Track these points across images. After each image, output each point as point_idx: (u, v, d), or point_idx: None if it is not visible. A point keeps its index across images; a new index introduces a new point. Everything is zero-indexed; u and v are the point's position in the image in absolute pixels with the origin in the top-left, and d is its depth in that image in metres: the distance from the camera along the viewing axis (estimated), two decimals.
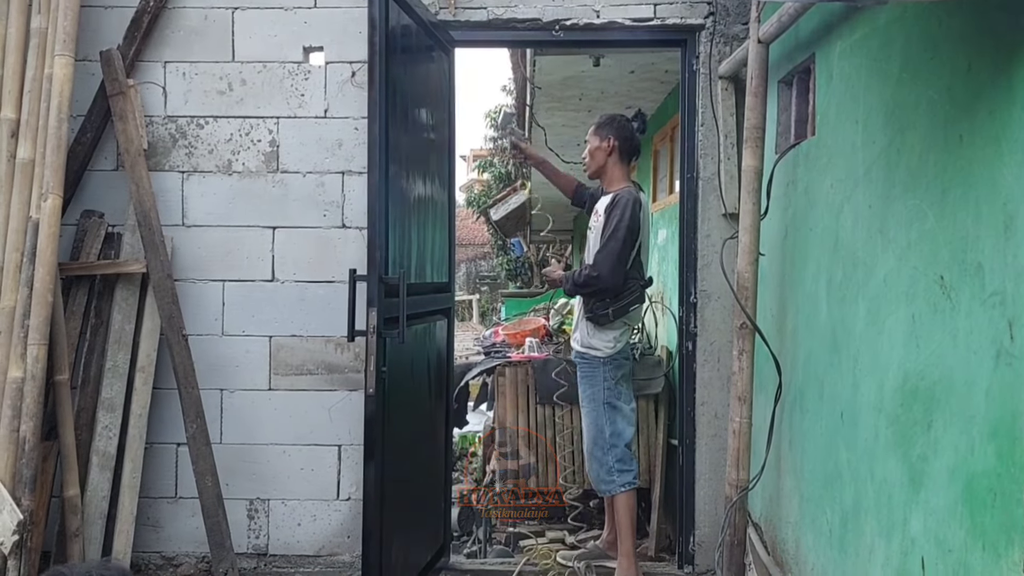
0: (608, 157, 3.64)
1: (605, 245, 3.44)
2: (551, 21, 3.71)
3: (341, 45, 3.72)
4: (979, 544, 1.68)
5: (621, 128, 3.65)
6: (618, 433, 3.59)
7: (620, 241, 3.42)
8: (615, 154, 3.64)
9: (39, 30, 3.34)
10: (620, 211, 3.43)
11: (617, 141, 3.62)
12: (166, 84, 3.75)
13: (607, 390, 3.59)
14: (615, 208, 3.46)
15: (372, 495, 2.97)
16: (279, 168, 3.75)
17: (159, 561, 3.72)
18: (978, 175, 1.73)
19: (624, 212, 3.43)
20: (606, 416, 3.58)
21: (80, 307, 3.55)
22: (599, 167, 3.68)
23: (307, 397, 3.75)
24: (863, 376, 2.34)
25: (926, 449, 1.93)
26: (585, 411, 3.69)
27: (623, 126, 3.66)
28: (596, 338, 3.58)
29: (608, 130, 3.65)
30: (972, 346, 1.73)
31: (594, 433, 3.61)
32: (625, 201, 3.46)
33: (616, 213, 3.44)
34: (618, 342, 3.60)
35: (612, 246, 3.42)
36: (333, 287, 3.72)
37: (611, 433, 3.57)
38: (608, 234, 3.44)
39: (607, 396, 3.58)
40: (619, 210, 3.44)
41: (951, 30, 1.89)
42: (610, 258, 3.42)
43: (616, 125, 3.66)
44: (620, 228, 3.41)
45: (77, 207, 3.67)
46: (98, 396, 3.51)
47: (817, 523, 2.69)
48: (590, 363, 3.61)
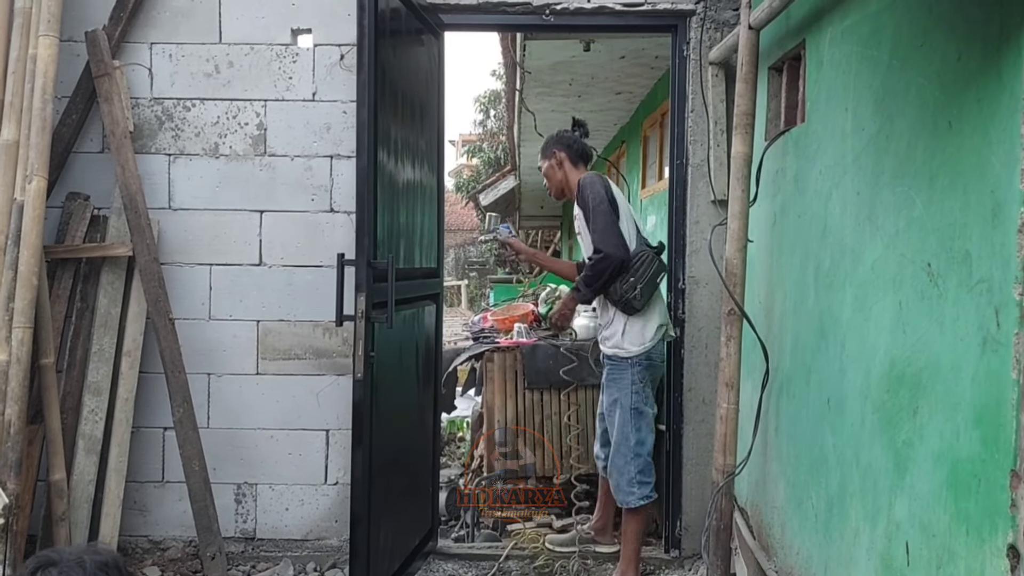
0: (561, 169, 3.62)
1: (594, 226, 3.34)
2: (541, 5, 3.69)
3: (330, 28, 3.69)
4: (963, 529, 1.70)
5: (561, 139, 3.66)
6: (642, 441, 3.43)
7: (605, 214, 3.32)
8: (566, 163, 3.61)
9: (23, 10, 3.29)
10: (589, 191, 3.38)
11: (563, 151, 3.61)
12: (152, 66, 3.71)
13: (635, 394, 3.40)
14: (583, 193, 3.41)
15: (360, 480, 2.97)
16: (267, 152, 3.72)
17: (146, 545, 3.72)
18: (966, 163, 1.73)
19: (593, 190, 3.38)
20: (632, 423, 3.40)
21: (65, 290, 3.52)
22: (559, 183, 3.65)
23: (295, 382, 3.75)
24: (850, 362, 2.35)
25: (911, 435, 1.95)
26: (609, 416, 3.51)
27: (562, 136, 3.68)
28: (629, 335, 3.40)
29: (550, 147, 3.65)
30: (958, 333, 1.74)
31: (618, 439, 3.44)
32: (588, 182, 3.42)
33: (587, 195, 3.38)
34: (653, 339, 3.43)
35: (600, 222, 3.32)
36: (321, 272, 3.71)
37: (636, 442, 3.41)
38: (592, 216, 3.36)
39: (635, 401, 3.40)
40: (588, 191, 3.38)
41: (941, 18, 1.89)
42: (606, 233, 3.30)
43: (555, 138, 3.68)
44: (599, 203, 3.33)
45: (62, 189, 3.63)
46: (84, 380, 3.49)
47: (803, 507, 2.72)
48: (618, 365, 3.44)
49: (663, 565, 3.76)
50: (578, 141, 3.64)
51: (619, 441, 3.43)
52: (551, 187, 3.67)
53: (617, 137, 8.56)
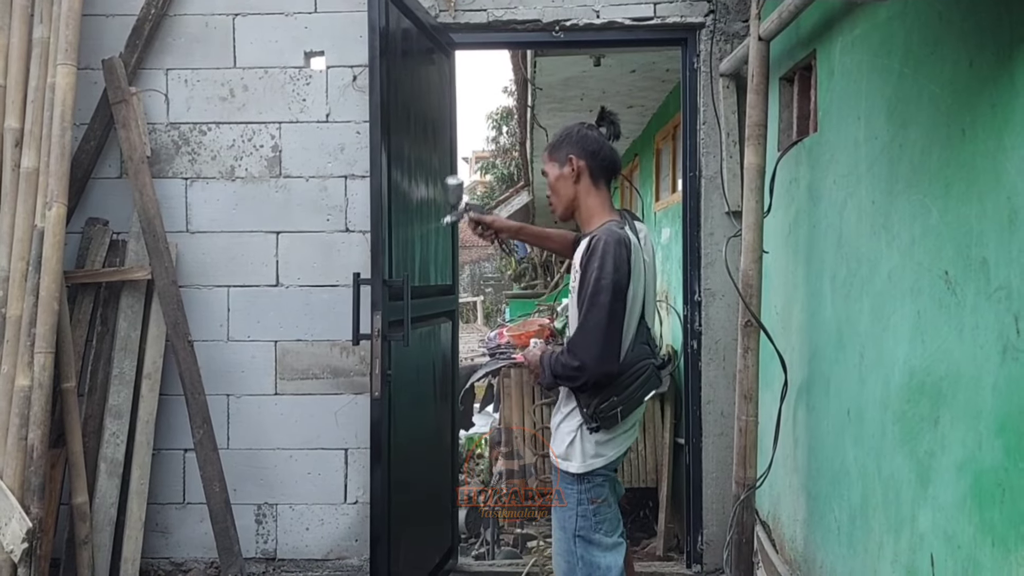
0: (576, 185, 2.49)
1: (585, 320, 2.32)
2: (551, 22, 3.72)
3: (342, 49, 3.73)
4: (988, 540, 1.67)
5: (583, 140, 2.50)
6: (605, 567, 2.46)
7: (605, 310, 2.28)
8: (584, 178, 2.49)
9: (41, 39, 3.35)
10: (599, 263, 2.29)
11: (583, 159, 2.48)
12: (168, 91, 3.76)
13: (582, 517, 2.45)
14: (592, 259, 2.32)
15: (379, 498, 2.97)
16: (282, 173, 3.76)
17: (168, 567, 3.73)
18: (981, 169, 1.72)
19: (604, 263, 2.29)
20: (579, 552, 2.46)
21: (86, 315, 3.56)
22: (568, 203, 2.53)
23: (313, 401, 3.76)
24: (869, 373, 2.33)
25: (933, 445, 1.93)
26: (555, 535, 2.59)
27: (585, 137, 2.50)
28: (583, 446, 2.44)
29: (566, 149, 2.51)
30: (978, 341, 1.73)
31: (563, 569, 2.51)
32: (604, 245, 2.31)
33: (594, 267, 2.30)
34: (616, 449, 2.47)
35: (594, 320, 2.30)
36: (337, 291, 3.73)
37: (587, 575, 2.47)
38: (587, 303, 2.31)
39: (581, 527, 2.46)
40: (596, 261, 2.30)
41: (952, 24, 1.89)
42: (594, 339, 2.30)
43: (576, 138, 2.51)
44: (601, 291, 2.28)
45: (82, 215, 3.68)
46: (105, 403, 3.52)
47: (825, 520, 2.69)
48: (563, 475, 2.49)
49: None
50: (606, 147, 2.53)
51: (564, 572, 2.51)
52: (555, 202, 2.59)
53: (630, 150, 8.58)
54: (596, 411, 2.37)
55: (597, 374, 2.31)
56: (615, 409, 2.37)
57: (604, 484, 2.47)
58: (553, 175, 2.53)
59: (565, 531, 2.49)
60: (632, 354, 2.39)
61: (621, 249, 2.31)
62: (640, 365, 2.40)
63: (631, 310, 2.36)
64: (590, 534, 2.46)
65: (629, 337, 2.38)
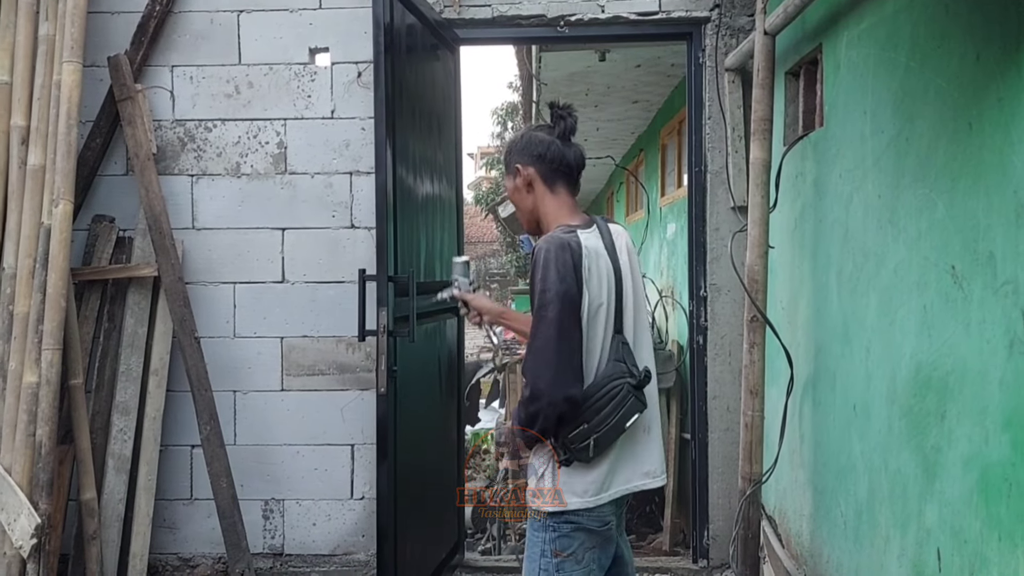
0: (531, 194, 2.20)
1: (533, 340, 1.98)
2: (556, 17, 3.71)
3: (347, 46, 3.73)
4: (995, 535, 1.67)
5: (528, 145, 2.20)
6: None
7: (554, 326, 1.94)
8: (537, 184, 2.18)
9: (47, 37, 3.36)
10: (541, 274, 1.97)
11: (530, 165, 2.18)
12: (174, 88, 3.77)
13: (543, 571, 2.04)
14: (535, 271, 2.01)
15: (386, 494, 2.98)
16: (287, 170, 3.76)
17: (176, 562, 3.75)
18: (988, 163, 1.72)
19: (547, 273, 1.96)
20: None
21: (93, 311, 3.57)
22: (529, 214, 2.23)
23: (319, 397, 3.77)
24: (875, 368, 2.33)
25: (940, 440, 1.92)
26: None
27: (530, 142, 2.20)
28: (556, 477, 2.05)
29: (514, 158, 2.23)
30: (985, 336, 1.72)
31: None
32: (545, 254, 1.99)
33: (537, 279, 1.98)
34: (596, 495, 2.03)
35: (543, 338, 1.95)
36: (343, 287, 3.73)
37: None
38: (535, 319, 1.99)
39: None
40: (539, 272, 1.98)
41: (959, 18, 1.88)
42: (545, 360, 1.95)
43: (521, 145, 2.22)
44: (548, 304, 1.94)
45: (88, 212, 3.70)
46: (112, 400, 3.53)
47: (831, 515, 2.69)
48: (531, 519, 2.11)
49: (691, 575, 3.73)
50: (554, 148, 2.18)
51: None
52: (523, 221, 2.31)
53: (635, 146, 8.56)
54: (565, 442, 1.99)
55: (555, 400, 1.92)
56: (586, 440, 1.98)
57: (574, 535, 2.02)
58: (510, 188, 2.28)
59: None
60: (603, 372, 2.01)
61: (565, 255, 1.97)
62: (613, 385, 1.99)
63: (592, 322, 2.00)
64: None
65: (597, 354, 2.01)
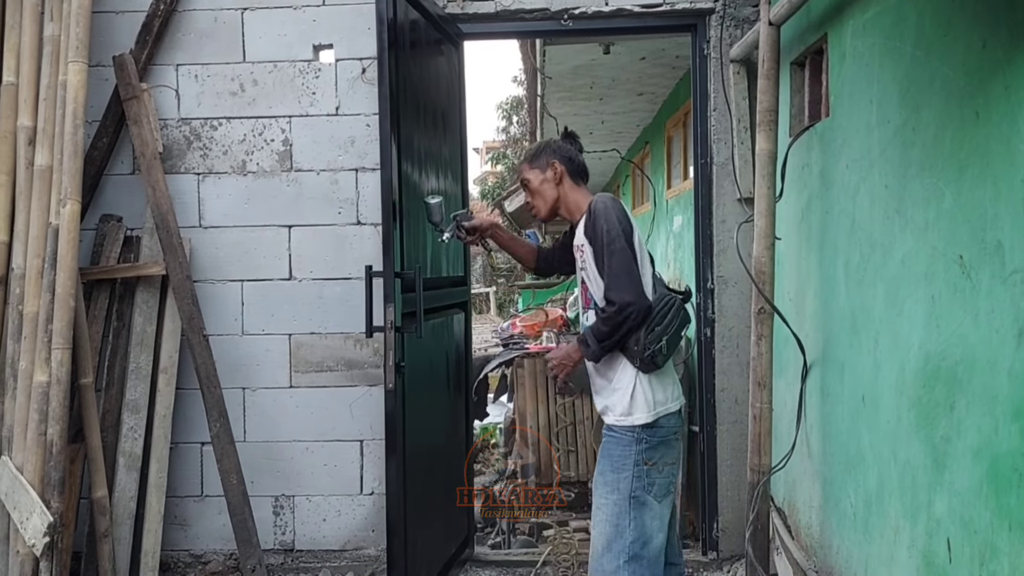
0: (559, 186, 2.74)
1: (610, 266, 2.50)
2: (559, 10, 3.70)
3: (351, 42, 3.73)
4: (1005, 524, 1.67)
5: (560, 148, 2.78)
6: (643, 539, 2.52)
7: (626, 254, 2.49)
8: (566, 178, 2.74)
9: (52, 37, 3.37)
10: (604, 220, 2.52)
11: (562, 163, 2.73)
12: (179, 87, 3.77)
13: (636, 478, 2.52)
14: (596, 221, 2.54)
15: (395, 489, 2.98)
16: (293, 167, 3.77)
17: (187, 559, 3.77)
18: (995, 152, 1.71)
19: (609, 218, 2.52)
20: (630, 514, 2.51)
21: (102, 311, 3.59)
22: (552, 202, 2.76)
23: (328, 394, 3.78)
24: (884, 358, 2.32)
25: (949, 430, 1.92)
26: (600, 503, 2.60)
27: (560, 146, 2.80)
28: (640, 397, 2.53)
29: (546, 156, 2.76)
30: (994, 325, 1.72)
31: (609, 535, 2.53)
32: (603, 207, 2.55)
33: (601, 226, 2.52)
34: (669, 402, 2.57)
35: (619, 263, 2.48)
36: (350, 284, 3.74)
37: (633, 539, 2.51)
38: (606, 253, 2.51)
39: (636, 488, 2.52)
40: (601, 221, 2.52)
41: (964, 6, 1.87)
42: (628, 279, 2.47)
43: (554, 147, 2.79)
44: (615, 239, 2.49)
45: (95, 212, 3.71)
46: (122, 398, 3.55)
47: (841, 506, 2.68)
48: (619, 438, 2.56)
49: (701, 568, 3.73)
50: (578, 155, 2.82)
51: (610, 538, 2.52)
52: (540, 204, 2.79)
53: (640, 138, 8.54)
54: (646, 350, 2.47)
55: (640, 306, 2.46)
56: (660, 341, 2.48)
57: (658, 448, 2.54)
58: (536, 180, 2.77)
59: (619, 492, 2.53)
60: (658, 292, 2.56)
61: (617, 204, 2.57)
62: (669, 298, 2.55)
63: (641, 254, 2.56)
64: (644, 495, 2.52)
65: (649, 278, 2.56)
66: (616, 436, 2.57)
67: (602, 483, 2.60)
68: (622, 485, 2.53)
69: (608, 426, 2.63)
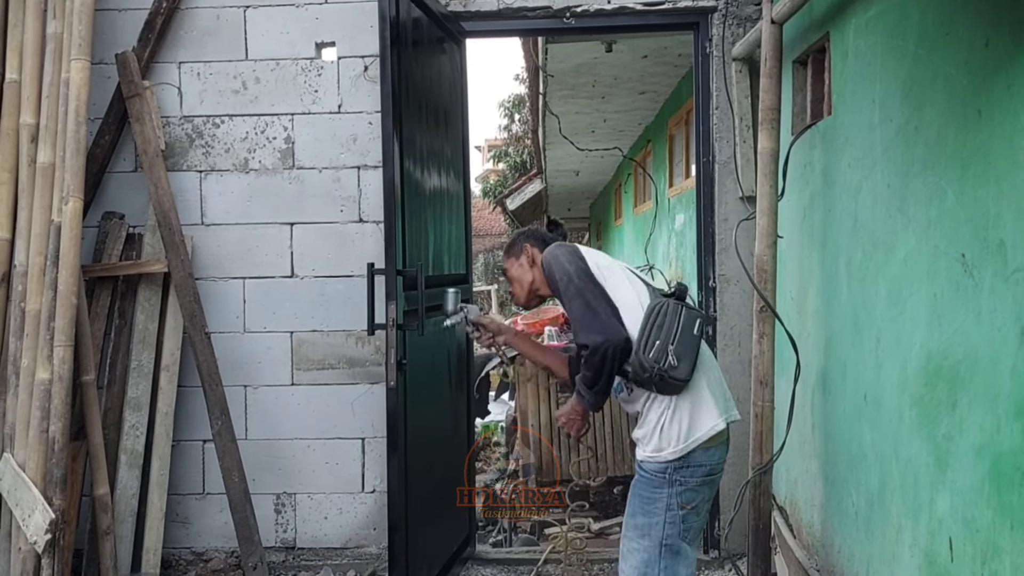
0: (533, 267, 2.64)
1: (572, 311, 2.36)
2: (562, 8, 3.70)
3: (353, 39, 3.73)
4: (1007, 523, 1.67)
5: (533, 234, 2.72)
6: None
7: (579, 293, 2.34)
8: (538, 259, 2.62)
9: (55, 35, 3.37)
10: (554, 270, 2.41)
11: (536, 247, 2.65)
12: (181, 85, 3.78)
13: (669, 524, 2.30)
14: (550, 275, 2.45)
15: (396, 487, 2.99)
16: (295, 164, 3.77)
17: (189, 556, 3.78)
18: (998, 151, 1.71)
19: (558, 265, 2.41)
20: (663, 563, 2.31)
21: (104, 308, 3.59)
22: (530, 287, 2.65)
23: (329, 391, 3.78)
24: (886, 357, 2.32)
25: (951, 429, 1.92)
26: (629, 547, 2.38)
27: (535, 231, 2.74)
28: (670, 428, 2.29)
29: (520, 243, 2.69)
30: (996, 324, 1.71)
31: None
32: (550, 258, 2.46)
33: (553, 276, 2.42)
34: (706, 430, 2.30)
35: (578, 305, 2.33)
36: (352, 281, 3.74)
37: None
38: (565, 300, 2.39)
39: (668, 534, 2.30)
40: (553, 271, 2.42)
41: (967, 4, 1.87)
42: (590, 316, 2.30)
43: (528, 233, 2.73)
44: (571, 281, 2.35)
45: (98, 209, 3.71)
46: (124, 395, 3.55)
47: (843, 505, 2.68)
48: (650, 478, 2.33)
49: (703, 566, 3.73)
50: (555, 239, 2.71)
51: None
52: (517, 290, 2.70)
53: (643, 136, 8.53)
54: (653, 369, 2.22)
55: (612, 339, 2.25)
56: (666, 354, 2.22)
57: (700, 488, 2.31)
58: (513, 267, 2.70)
59: (650, 539, 2.32)
60: (647, 304, 2.34)
61: (564, 248, 2.47)
62: (658, 303, 2.31)
63: (609, 278, 2.39)
64: (678, 542, 2.31)
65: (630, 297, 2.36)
66: (647, 476, 2.34)
67: (632, 526, 2.38)
68: (653, 531, 2.32)
69: (639, 462, 2.39)
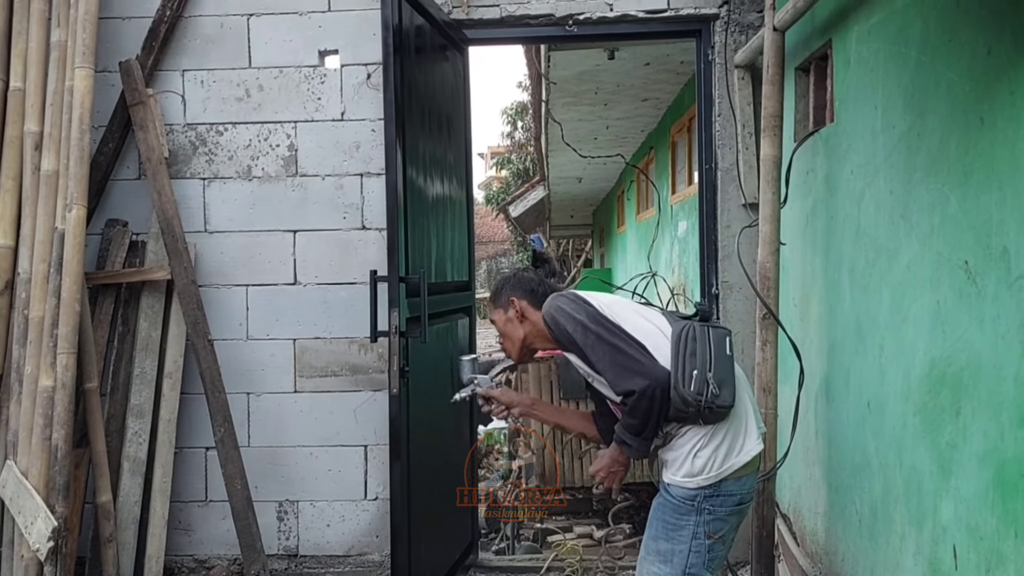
0: (524, 321, 2.47)
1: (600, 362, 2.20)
2: (564, 16, 3.71)
3: (356, 47, 3.74)
4: (1011, 531, 1.66)
5: (520, 282, 2.53)
6: None
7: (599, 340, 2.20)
8: (529, 312, 2.46)
9: (59, 43, 3.38)
10: (563, 326, 2.26)
11: (523, 298, 2.48)
12: (185, 92, 3.79)
13: (694, 553, 2.20)
14: (557, 331, 2.30)
15: (399, 495, 2.98)
16: (298, 172, 3.78)
17: (191, 564, 3.77)
18: (1000, 157, 1.71)
19: (566, 319, 2.26)
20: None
21: (107, 315, 3.59)
22: (520, 343, 2.50)
23: (332, 399, 3.78)
24: (889, 364, 2.32)
25: (955, 436, 1.91)
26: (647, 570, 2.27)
27: (520, 279, 2.55)
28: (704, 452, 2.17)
29: (505, 294, 2.52)
30: (999, 331, 1.71)
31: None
32: (552, 314, 2.30)
33: (563, 331, 2.27)
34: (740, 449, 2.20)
35: (603, 353, 2.19)
36: (355, 288, 3.74)
37: None
38: (588, 353, 2.22)
39: (692, 564, 2.20)
40: (561, 327, 2.27)
41: (970, 11, 1.87)
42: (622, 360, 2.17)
43: (513, 282, 2.54)
44: (587, 331, 2.21)
45: (101, 216, 3.72)
46: (127, 403, 3.55)
47: (846, 513, 2.67)
48: (677, 505, 2.21)
49: None
50: (544, 284, 2.54)
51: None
52: (508, 347, 2.54)
53: (645, 143, 8.54)
54: (697, 402, 2.11)
55: (654, 382, 2.11)
56: (707, 384, 2.12)
57: (730, 517, 2.21)
58: (501, 321, 2.53)
59: (672, 566, 2.21)
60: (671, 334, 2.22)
61: (562, 298, 2.33)
62: (683, 328, 2.20)
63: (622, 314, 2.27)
64: (702, 572, 2.21)
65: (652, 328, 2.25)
66: (673, 503, 2.21)
67: (654, 550, 2.26)
68: (676, 559, 2.21)
69: (666, 484, 2.25)
